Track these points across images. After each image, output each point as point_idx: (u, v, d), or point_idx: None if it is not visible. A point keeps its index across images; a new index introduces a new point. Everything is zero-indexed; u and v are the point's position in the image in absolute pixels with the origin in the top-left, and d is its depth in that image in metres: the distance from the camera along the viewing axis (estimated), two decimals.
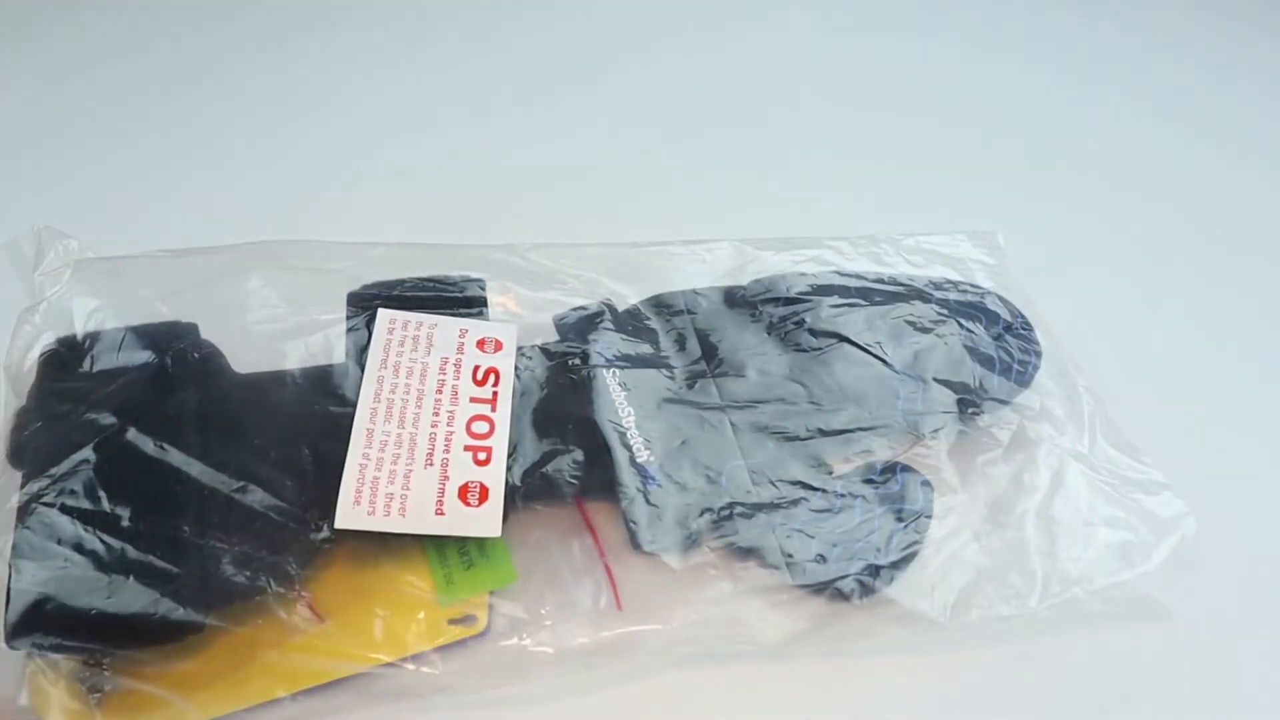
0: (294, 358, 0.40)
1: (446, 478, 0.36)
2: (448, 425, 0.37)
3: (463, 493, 0.36)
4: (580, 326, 0.43)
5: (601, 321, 0.43)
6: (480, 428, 0.38)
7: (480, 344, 0.40)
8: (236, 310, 0.41)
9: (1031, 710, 0.35)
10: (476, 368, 0.40)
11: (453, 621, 0.35)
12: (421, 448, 0.37)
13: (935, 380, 0.42)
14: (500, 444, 0.37)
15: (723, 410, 0.40)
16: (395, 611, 0.34)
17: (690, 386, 0.41)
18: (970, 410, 0.41)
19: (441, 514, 0.35)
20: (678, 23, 0.74)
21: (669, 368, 0.42)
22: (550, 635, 0.35)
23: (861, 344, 0.43)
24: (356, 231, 0.44)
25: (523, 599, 0.35)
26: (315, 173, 0.58)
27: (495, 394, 0.39)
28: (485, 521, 0.35)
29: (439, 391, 0.39)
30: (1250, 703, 0.35)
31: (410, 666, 0.34)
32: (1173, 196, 0.60)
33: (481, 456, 0.37)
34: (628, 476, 0.37)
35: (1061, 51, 0.73)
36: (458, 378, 0.39)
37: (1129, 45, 0.73)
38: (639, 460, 0.38)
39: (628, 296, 0.45)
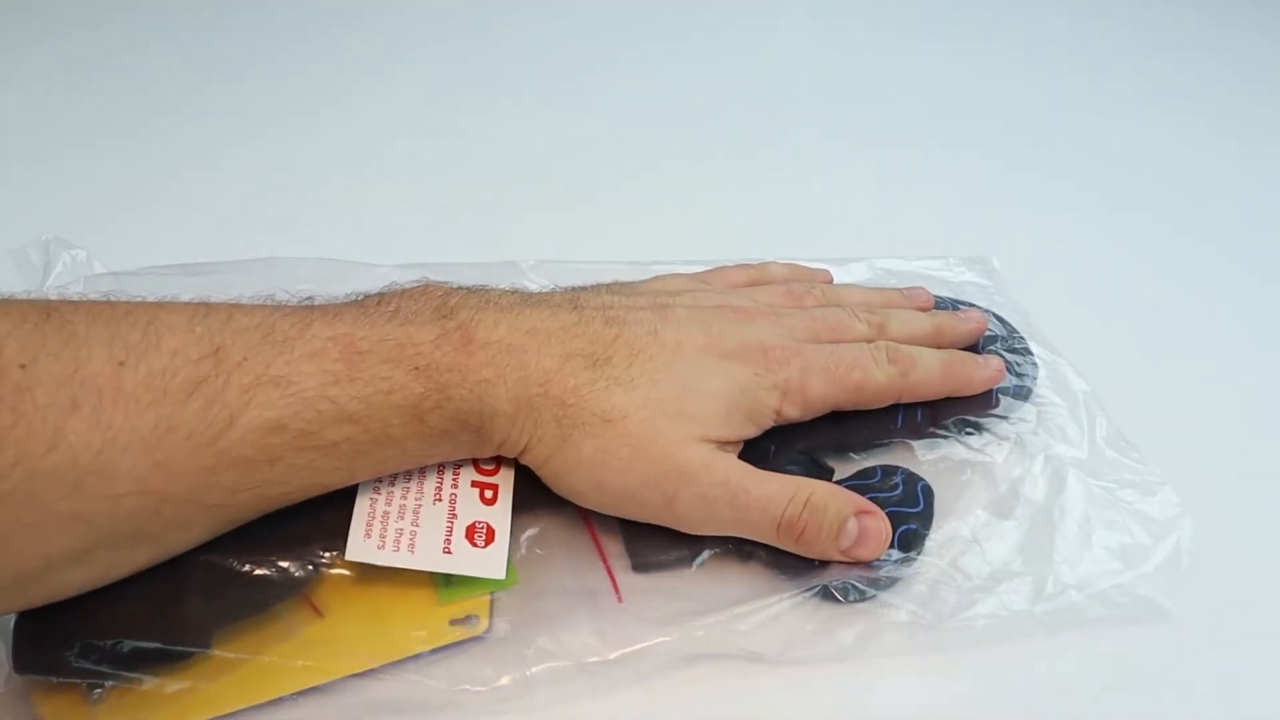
0: None
1: (454, 515, 0.36)
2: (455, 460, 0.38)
3: (470, 533, 0.36)
4: None
5: None
6: (487, 464, 0.38)
7: None
8: None
9: (1032, 712, 0.35)
10: None
11: (454, 622, 0.35)
12: (430, 481, 0.37)
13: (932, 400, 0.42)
14: (506, 482, 0.38)
15: None
16: (396, 611, 0.35)
17: None
18: (967, 430, 0.42)
19: (449, 552, 0.35)
20: (680, 42, 0.76)
21: None
22: (551, 638, 0.35)
23: None
24: (361, 239, 0.45)
25: (524, 599, 0.35)
26: (319, 182, 0.59)
27: None
28: (491, 563, 0.35)
29: None
30: (1248, 704, 0.35)
31: (412, 667, 0.34)
32: (1172, 199, 0.61)
33: (488, 495, 0.37)
34: None
35: (1060, 54, 0.75)
36: None
37: (1133, 53, 0.75)
38: None
39: None
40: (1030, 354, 0.45)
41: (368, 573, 0.35)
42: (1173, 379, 0.48)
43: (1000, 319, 0.47)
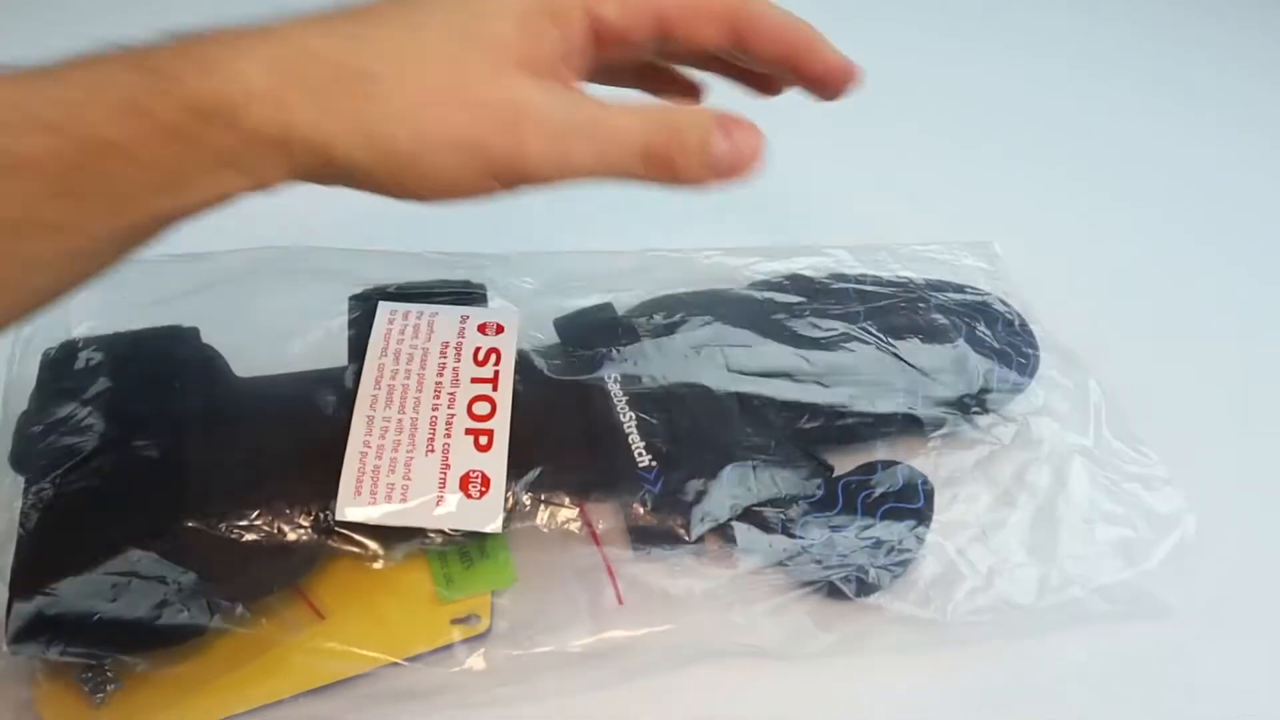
0: (295, 361, 0.40)
1: (448, 466, 0.35)
2: (449, 408, 0.37)
3: (464, 483, 0.35)
4: (581, 329, 0.43)
5: (602, 324, 0.43)
6: (482, 409, 0.37)
7: (481, 328, 0.40)
8: (238, 315, 0.41)
9: (1035, 708, 0.35)
10: (478, 349, 0.39)
11: (455, 621, 0.35)
12: (422, 433, 0.36)
13: (938, 378, 0.42)
14: (502, 427, 0.36)
15: (725, 405, 0.40)
16: (397, 611, 0.34)
17: (691, 384, 0.41)
18: (973, 410, 0.41)
19: (443, 503, 0.34)
20: None
21: (670, 367, 0.41)
22: (552, 636, 0.34)
23: (865, 336, 0.43)
24: (360, 230, 0.44)
25: (524, 599, 0.35)
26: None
27: (497, 373, 0.38)
28: (487, 514, 0.34)
29: (440, 374, 0.38)
30: (1252, 698, 0.35)
31: (414, 665, 0.34)
32: (1175, 188, 0.61)
33: (483, 441, 0.36)
34: (628, 481, 0.37)
35: (1061, 49, 0.73)
36: (458, 360, 0.38)
37: (1130, 42, 0.74)
38: (640, 465, 0.38)
39: (627, 303, 0.45)
40: (1033, 336, 0.45)
41: (368, 572, 0.34)
42: (1177, 368, 0.47)
43: (1004, 301, 0.46)
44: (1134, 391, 0.44)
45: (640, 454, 0.38)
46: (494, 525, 0.34)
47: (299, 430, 0.37)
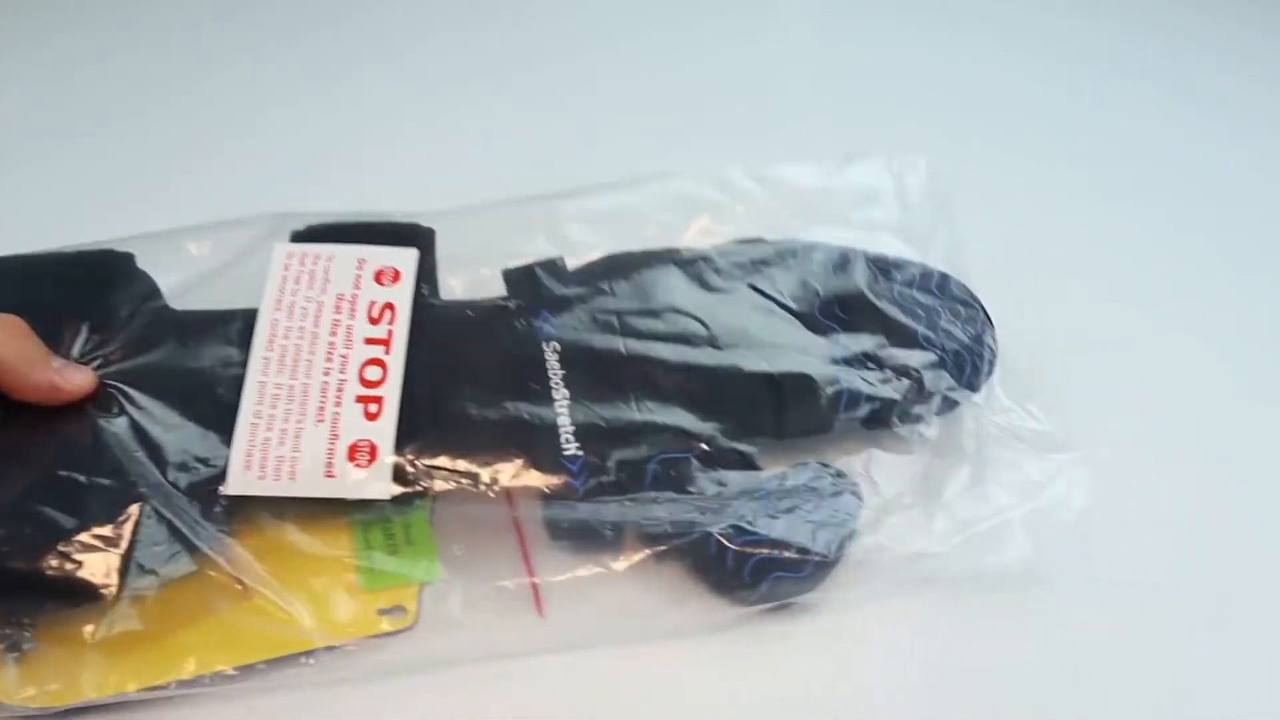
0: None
1: (336, 436, 0.34)
2: (340, 373, 0.35)
3: (352, 453, 0.34)
4: (528, 284, 0.41)
5: (547, 281, 0.41)
6: (373, 374, 0.36)
7: (378, 276, 0.38)
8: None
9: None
10: (372, 304, 0.37)
11: (382, 611, 0.34)
12: (313, 401, 0.35)
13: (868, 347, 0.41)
14: (392, 393, 0.35)
15: (655, 384, 0.38)
16: (320, 593, 0.34)
17: (624, 352, 0.39)
18: (895, 425, 0.40)
19: (331, 476, 0.33)
20: (677, 24, 0.72)
21: (605, 332, 0.39)
22: (482, 634, 0.34)
23: (767, 291, 0.42)
24: None
25: (451, 593, 0.35)
26: (318, 173, 0.56)
27: (390, 333, 0.37)
28: (375, 484, 0.34)
29: (333, 333, 0.36)
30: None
31: (340, 653, 0.33)
32: (1171, 191, 0.59)
33: (373, 409, 0.35)
34: (552, 472, 0.35)
35: (1060, 49, 0.71)
36: (353, 317, 0.37)
37: (1129, 42, 0.72)
38: (565, 454, 0.36)
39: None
40: (991, 326, 0.43)
41: (293, 552, 0.34)
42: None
43: (968, 303, 0.44)
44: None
45: (568, 440, 0.36)
46: (383, 493, 0.33)
47: (211, 383, 0.36)
